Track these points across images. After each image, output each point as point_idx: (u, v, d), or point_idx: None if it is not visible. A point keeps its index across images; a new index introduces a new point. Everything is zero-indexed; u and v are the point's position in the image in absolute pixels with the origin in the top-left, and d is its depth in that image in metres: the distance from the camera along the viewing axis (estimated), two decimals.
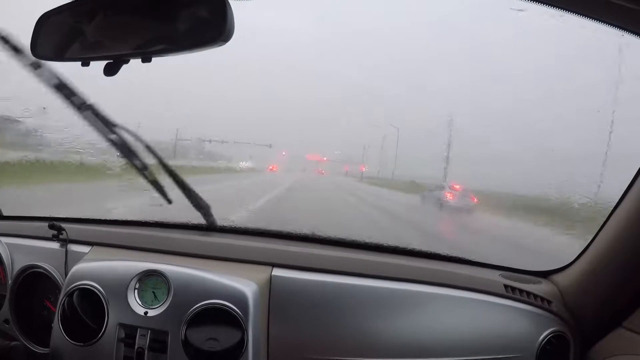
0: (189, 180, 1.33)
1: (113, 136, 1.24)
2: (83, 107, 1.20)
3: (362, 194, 10.78)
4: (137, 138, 1.29)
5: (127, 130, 1.26)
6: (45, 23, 0.97)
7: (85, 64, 0.92)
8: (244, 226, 1.45)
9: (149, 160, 1.30)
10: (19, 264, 1.27)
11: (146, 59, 0.86)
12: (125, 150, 1.26)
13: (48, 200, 3.93)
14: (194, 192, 1.34)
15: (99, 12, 0.91)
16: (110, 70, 0.89)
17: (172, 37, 0.86)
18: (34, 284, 1.27)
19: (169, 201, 1.35)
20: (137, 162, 1.28)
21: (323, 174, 13.17)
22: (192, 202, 1.35)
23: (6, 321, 1.26)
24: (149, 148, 1.31)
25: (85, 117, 1.21)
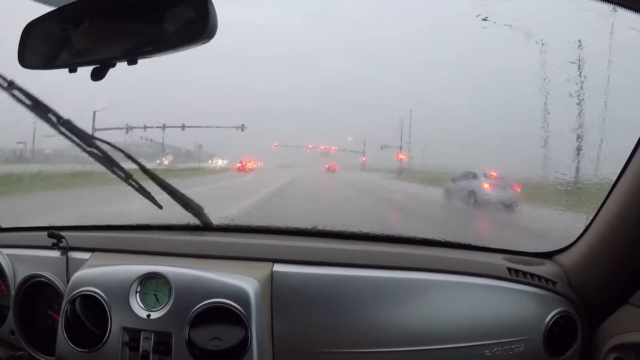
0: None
1: (91, 148, 1.24)
2: (60, 122, 1.20)
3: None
4: (114, 147, 1.28)
5: (104, 141, 1.25)
6: (31, 32, 0.98)
7: (73, 70, 0.93)
8: (243, 224, 1.45)
9: (130, 166, 1.29)
10: (21, 275, 1.28)
11: (132, 62, 0.86)
12: (105, 160, 1.26)
13: None
14: (181, 194, 1.33)
15: (83, 18, 0.91)
16: (97, 75, 0.90)
17: (156, 38, 0.86)
18: (36, 293, 1.27)
19: (159, 206, 1.35)
20: (119, 172, 1.28)
21: (336, 169, 9.39)
22: (181, 204, 1.34)
23: (11, 332, 1.27)
24: (129, 156, 1.31)
25: (62, 132, 1.21)
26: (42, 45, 0.98)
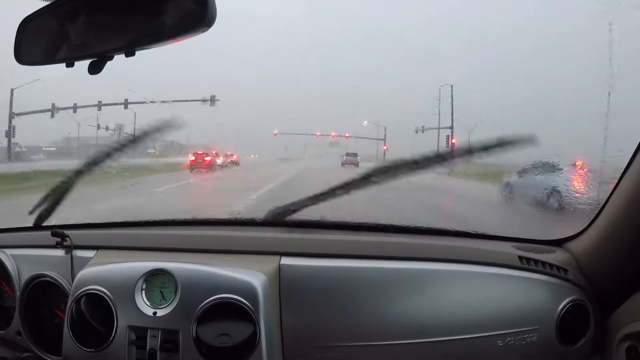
0: None
1: None
2: None
3: None
4: None
5: None
6: (27, 28, 0.96)
7: (70, 64, 0.91)
8: (248, 217, 1.43)
9: None
10: (26, 275, 1.26)
11: (129, 53, 0.84)
12: None
13: None
14: None
15: (80, 11, 0.90)
16: (94, 69, 0.88)
17: (154, 28, 0.84)
18: (42, 293, 1.26)
19: None
20: None
21: (357, 161, 6.94)
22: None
23: (18, 333, 1.26)
24: None
25: None
26: (38, 40, 0.96)
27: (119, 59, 0.85)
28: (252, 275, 1.05)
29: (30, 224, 1.46)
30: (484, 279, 1.11)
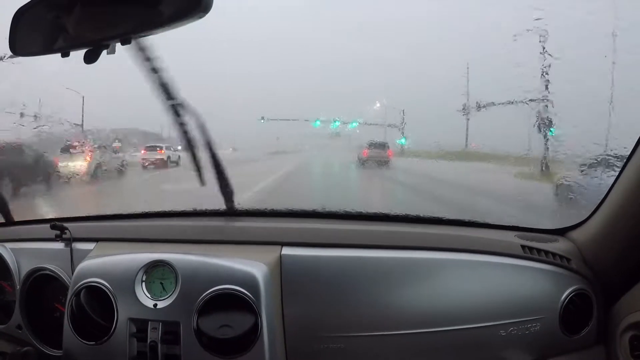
0: None
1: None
2: None
3: None
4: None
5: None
6: (21, 19, 0.95)
7: (65, 54, 0.91)
8: (249, 207, 1.42)
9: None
10: (26, 268, 1.26)
11: (126, 41, 0.84)
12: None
13: None
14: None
15: (74, 0, 0.88)
16: (90, 58, 0.87)
17: (150, 15, 0.83)
18: (42, 286, 1.26)
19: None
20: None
21: (390, 157, 5.12)
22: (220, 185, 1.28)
23: (18, 327, 1.26)
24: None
25: None
26: (33, 31, 0.96)
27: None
28: (253, 265, 1.05)
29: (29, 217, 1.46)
30: (486, 268, 1.11)
